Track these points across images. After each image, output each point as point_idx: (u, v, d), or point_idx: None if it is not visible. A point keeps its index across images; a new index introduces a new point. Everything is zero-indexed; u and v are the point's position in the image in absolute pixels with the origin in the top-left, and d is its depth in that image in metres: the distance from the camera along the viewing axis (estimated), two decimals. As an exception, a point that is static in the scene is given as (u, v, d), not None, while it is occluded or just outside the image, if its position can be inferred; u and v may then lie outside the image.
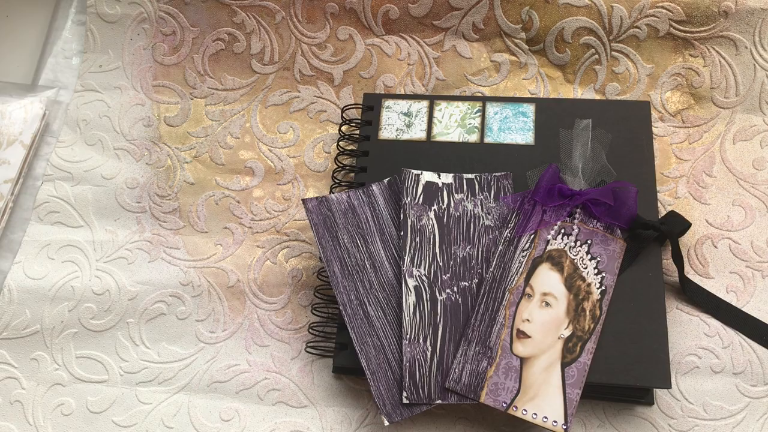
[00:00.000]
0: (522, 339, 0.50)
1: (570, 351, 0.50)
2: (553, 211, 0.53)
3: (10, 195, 0.64)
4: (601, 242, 0.53)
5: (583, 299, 0.51)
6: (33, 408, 0.57)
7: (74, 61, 0.71)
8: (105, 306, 0.60)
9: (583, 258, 0.52)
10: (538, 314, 0.51)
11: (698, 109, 0.63)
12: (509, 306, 0.51)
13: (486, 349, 0.51)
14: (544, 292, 0.52)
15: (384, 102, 0.64)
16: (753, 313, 0.55)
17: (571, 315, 0.51)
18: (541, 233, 0.53)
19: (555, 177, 0.53)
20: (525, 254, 0.53)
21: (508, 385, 0.50)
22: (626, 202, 0.53)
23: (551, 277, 0.52)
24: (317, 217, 0.56)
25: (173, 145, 0.66)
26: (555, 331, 0.50)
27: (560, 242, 0.53)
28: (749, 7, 0.61)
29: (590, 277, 0.52)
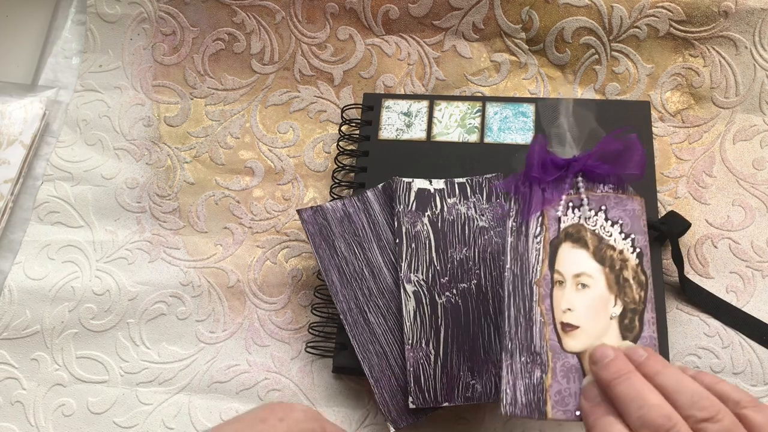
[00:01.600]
0: (570, 332, 0.44)
1: (629, 328, 0.44)
2: (553, 186, 0.48)
3: (10, 195, 0.64)
4: (617, 204, 0.47)
5: (621, 269, 0.45)
6: (34, 409, 0.57)
7: (74, 60, 0.71)
8: (105, 306, 0.60)
9: (604, 226, 0.47)
10: (578, 299, 0.45)
11: (698, 109, 0.63)
12: (542, 300, 0.45)
13: (534, 356, 0.44)
14: (576, 273, 0.45)
15: (384, 102, 0.64)
16: (753, 313, 0.55)
17: (615, 289, 0.45)
18: (548, 213, 0.47)
19: (543, 149, 0.48)
20: (539, 239, 0.47)
21: (574, 389, 0.43)
22: (629, 150, 0.47)
23: (577, 255, 0.46)
24: (313, 227, 0.56)
25: (173, 145, 0.66)
26: (603, 312, 0.44)
27: (573, 217, 0.47)
28: (749, 7, 0.61)
29: (620, 244, 0.46)
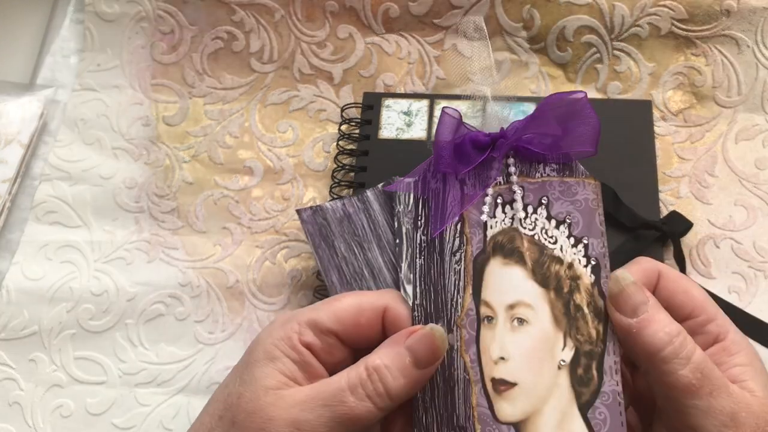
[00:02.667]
0: (505, 392, 0.31)
1: (584, 381, 0.31)
2: (475, 175, 0.35)
3: (7, 195, 0.64)
4: (562, 194, 0.34)
5: (570, 291, 0.32)
6: (32, 409, 0.56)
7: (72, 60, 0.71)
8: (103, 307, 0.59)
9: (546, 228, 0.34)
10: (514, 342, 0.32)
11: (700, 109, 0.63)
12: (465, 347, 0.32)
13: (456, 431, 0.31)
14: (510, 304, 0.33)
15: (384, 101, 0.63)
16: (755, 313, 0.55)
17: (564, 323, 0.32)
18: (470, 216, 0.34)
19: (456, 125, 0.35)
20: (459, 257, 0.34)
21: None
22: (576, 116, 0.34)
23: (511, 275, 0.33)
24: (312, 227, 0.56)
25: (172, 145, 0.66)
26: (549, 359, 0.32)
27: (503, 219, 0.34)
28: (751, 6, 0.61)
29: (568, 254, 0.33)
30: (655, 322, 0.30)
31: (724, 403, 0.29)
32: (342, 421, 0.27)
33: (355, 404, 0.28)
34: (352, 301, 0.32)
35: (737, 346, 0.32)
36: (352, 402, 0.28)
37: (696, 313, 0.32)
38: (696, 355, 0.29)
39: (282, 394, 0.28)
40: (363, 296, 0.32)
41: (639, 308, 0.30)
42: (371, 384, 0.28)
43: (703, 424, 0.29)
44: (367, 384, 0.28)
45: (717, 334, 0.32)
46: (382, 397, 0.28)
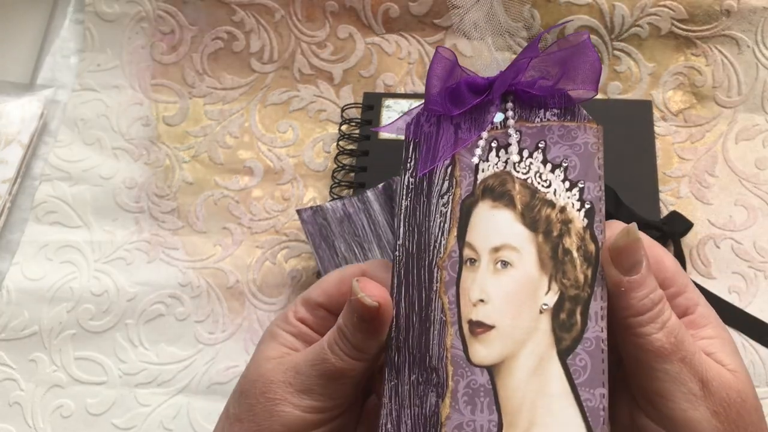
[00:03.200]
0: (481, 334, 0.30)
1: (566, 327, 0.30)
2: (471, 119, 0.33)
3: (8, 195, 0.64)
4: (561, 138, 0.33)
5: (560, 235, 0.31)
6: (32, 410, 0.56)
7: (72, 60, 0.71)
8: (104, 307, 0.59)
9: (541, 172, 0.32)
10: (496, 285, 0.31)
11: (700, 109, 0.63)
12: (445, 289, 0.31)
13: (428, 372, 0.31)
14: (495, 247, 0.31)
15: (384, 101, 0.63)
16: (756, 313, 0.55)
17: (550, 266, 0.31)
18: (461, 159, 0.33)
19: (452, 66, 0.34)
20: (446, 199, 0.33)
21: (480, 421, 0.29)
22: (576, 55, 0.32)
23: (499, 218, 0.32)
24: (313, 227, 0.56)
25: (172, 145, 0.66)
26: (531, 303, 0.30)
27: (496, 163, 0.33)
28: (752, 6, 0.61)
29: (561, 197, 0.32)
30: (645, 286, 0.29)
31: (695, 370, 0.28)
32: (329, 376, 0.30)
33: (335, 360, 0.30)
34: (336, 274, 0.34)
35: (705, 320, 0.31)
36: (333, 359, 0.30)
37: (667, 284, 0.31)
38: (672, 321, 0.29)
39: (281, 361, 0.31)
40: (346, 269, 0.34)
41: (635, 267, 0.29)
42: (341, 341, 0.30)
43: (671, 390, 0.28)
44: (338, 342, 0.30)
45: (686, 307, 0.31)
46: (353, 351, 0.30)
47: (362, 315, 0.29)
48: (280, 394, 0.30)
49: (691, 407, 0.28)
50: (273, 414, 0.30)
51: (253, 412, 0.30)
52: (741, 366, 0.30)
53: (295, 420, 0.30)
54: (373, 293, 0.29)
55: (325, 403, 0.30)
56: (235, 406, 0.31)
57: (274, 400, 0.30)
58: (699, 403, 0.28)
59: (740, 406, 0.28)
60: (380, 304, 0.29)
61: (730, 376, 0.29)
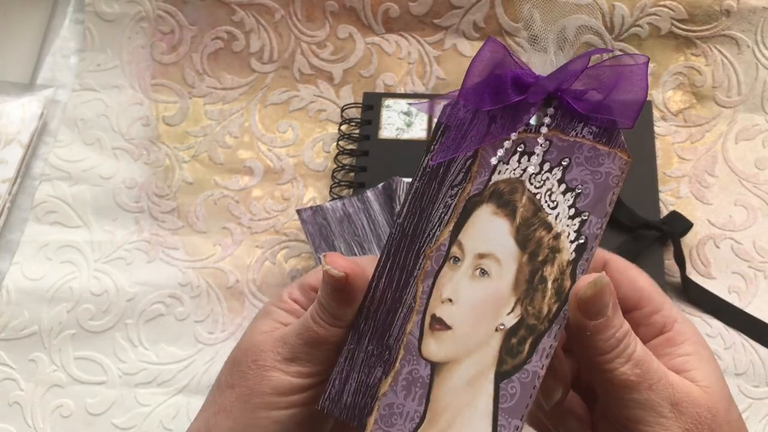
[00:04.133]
0: (438, 331, 0.32)
1: (512, 352, 0.31)
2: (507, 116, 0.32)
3: (7, 195, 0.64)
4: (588, 160, 0.31)
5: (544, 261, 0.31)
6: (32, 409, 0.56)
7: (72, 60, 0.71)
8: (103, 307, 0.59)
9: (552, 190, 0.32)
10: (468, 289, 0.32)
11: (700, 109, 0.63)
12: (423, 277, 0.32)
13: (383, 348, 0.32)
14: (481, 253, 0.32)
15: (384, 101, 0.63)
16: (755, 313, 0.55)
17: (521, 289, 0.31)
18: (484, 156, 0.32)
19: (502, 55, 0.32)
20: (455, 192, 0.33)
21: (408, 407, 0.31)
22: (630, 81, 0.31)
23: (495, 226, 0.32)
24: (312, 227, 0.56)
25: (172, 145, 0.66)
26: (491, 318, 0.31)
27: (515, 168, 0.32)
28: (751, 6, 0.61)
29: (561, 222, 0.31)
30: (610, 327, 0.30)
31: (664, 395, 0.29)
32: (312, 343, 0.32)
33: (318, 328, 0.32)
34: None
35: (683, 336, 0.32)
36: (315, 327, 0.32)
37: (642, 304, 0.32)
38: (637, 353, 0.30)
39: (271, 334, 0.34)
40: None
41: (601, 312, 0.30)
42: (321, 311, 0.32)
43: (642, 415, 0.29)
44: (318, 312, 0.33)
45: (663, 325, 0.32)
46: (331, 319, 0.32)
47: (333, 285, 0.31)
48: (270, 361, 0.33)
49: (663, 429, 0.29)
50: (263, 379, 0.32)
51: (244, 378, 0.33)
52: (715, 380, 0.31)
53: (283, 384, 0.32)
54: (338, 264, 0.31)
55: (310, 368, 0.33)
56: (228, 374, 0.34)
57: (264, 366, 0.33)
58: (670, 424, 0.29)
59: (711, 421, 0.29)
60: (347, 274, 0.31)
61: (700, 393, 0.30)
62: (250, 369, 0.33)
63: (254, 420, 0.32)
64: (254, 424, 0.32)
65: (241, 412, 0.32)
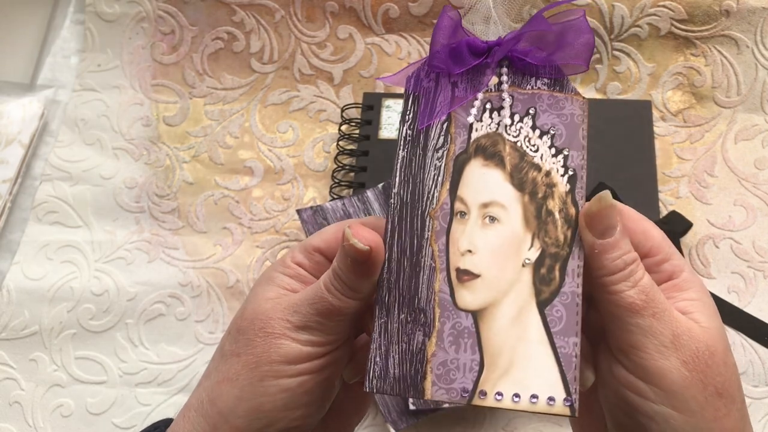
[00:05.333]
0: (467, 282, 0.33)
1: (546, 281, 0.33)
2: (467, 79, 0.35)
3: (8, 195, 0.64)
4: (550, 107, 0.35)
5: (545, 197, 0.34)
6: (32, 409, 0.56)
7: (73, 60, 0.71)
8: (104, 307, 0.59)
9: (530, 137, 0.35)
10: (483, 238, 0.33)
11: (700, 109, 0.63)
12: (436, 238, 0.34)
13: (416, 313, 0.33)
14: (484, 203, 0.34)
15: (384, 101, 0.64)
16: (755, 313, 0.55)
17: (534, 225, 0.33)
18: (457, 118, 0.35)
19: (456, 27, 0.35)
20: (441, 154, 0.35)
21: (463, 360, 0.32)
22: (571, 31, 0.34)
23: (489, 176, 0.34)
24: (312, 227, 0.56)
25: (172, 145, 0.66)
26: (514, 257, 0.33)
27: (489, 124, 0.35)
28: (751, 6, 0.61)
29: (548, 162, 0.34)
30: (618, 248, 0.31)
31: (666, 325, 0.31)
32: (326, 313, 0.32)
33: (332, 299, 0.32)
34: (335, 225, 0.36)
35: (689, 284, 0.33)
36: (330, 297, 0.32)
37: (654, 252, 0.34)
38: (644, 280, 0.31)
39: (278, 301, 0.33)
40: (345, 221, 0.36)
41: (608, 231, 0.31)
42: (337, 281, 0.32)
43: (643, 342, 0.31)
44: (333, 282, 0.32)
45: (672, 272, 0.33)
46: (347, 290, 0.32)
47: (355, 257, 0.31)
48: (279, 329, 0.32)
49: (662, 357, 0.30)
50: (272, 346, 0.32)
51: (251, 345, 0.32)
52: (715, 324, 0.32)
53: (294, 351, 0.32)
54: (364, 237, 0.31)
55: (321, 338, 0.33)
56: (232, 343, 0.33)
57: (273, 334, 0.32)
58: (669, 354, 0.30)
59: (708, 357, 0.30)
60: (371, 247, 0.32)
61: (701, 331, 0.31)
62: (258, 337, 0.32)
63: (262, 388, 0.32)
64: (262, 392, 0.32)
65: (248, 381, 0.32)
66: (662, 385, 0.30)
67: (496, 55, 0.35)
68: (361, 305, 0.33)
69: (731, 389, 0.31)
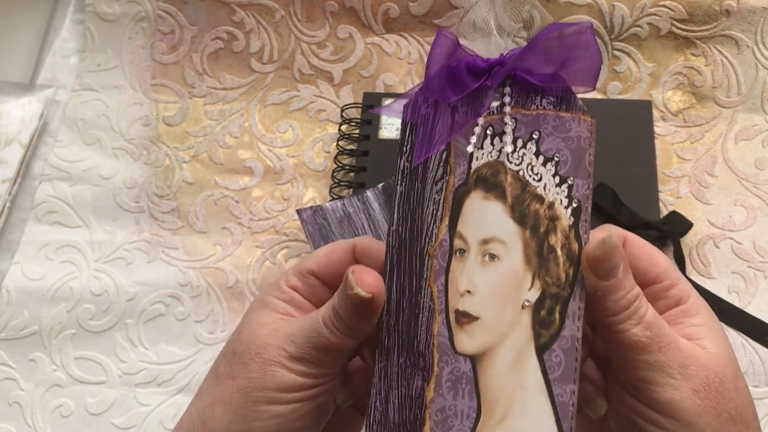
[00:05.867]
0: (466, 324, 0.32)
1: (545, 323, 0.31)
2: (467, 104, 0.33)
3: (8, 195, 0.64)
4: (555, 129, 0.32)
5: (547, 231, 0.32)
6: (32, 409, 0.56)
7: (72, 60, 0.71)
8: (103, 307, 0.59)
9: (532, 164, 0.32)
10: (483, 276, 0.32)
11: (700, 109, 0.63)
12: (434, 277, 0.32)
13: (416, 357, 0.32)
14: (484, 239, 0.32)
15: (384, 101, 0.63)
16: (755, 313, 0.55)
17: (534, 263, 0.31)
18: (457, 147, 0.33)
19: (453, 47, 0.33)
20: (440, 187, 0.33)
21: (461, 406, 0.31)
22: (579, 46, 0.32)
23: (489, 210, 0.32)
24: (312, 227, 0.56)
25: (172, 145, 0.66)
26: (514, 297, 0.31)
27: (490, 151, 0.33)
28: (751, 6, 0.61)
29: (550, 192, 0.32)
30: (621, 288, 0.31)
31: (673, 357, 0.31)
32: (323, 348, 0.32)
33: (330, 336, 0.32)
34: (327, 247, 0.36)
35: (696, 309, 0.33)
36: (328, 334, 0.32)
37: (660, 278, 0.34)
38: (648, 315, 0.31)
39: (276, 327, 0.33)
40: (337, 243, 0.36)
41: (610, 273, 0.31)
42: (337, 320, 0.32)
43: (652, 376, 0.31)
44: (334, 320, 0.32)
45: (679, 298, 0.34)
46: (346, 329, 0.32)
47: (356, 302, 0.31)
48: (275, 357, 0.32)
49: (672, 389, 0.30)
50: (267, 373, 0.32)
51: (246, 370, 0.32)
52: (723, 349, 0.32)
53: (288, 381, 0.32)
54: (367, 283, 0.31)
55: (316, 370, 0.32)
56: (227, 365, 0.33)
57: (270, 360, 0.32)
58: (679, 384, 0.30)
59: (719, 384, 0.30)
60: (373, 294, 0.31)
61: (709, 357, 0.31)
62: (253, 362, 0.32)
63: (255, 413, 0.32)
64: (254, 417, 0.32)
65: (241, 405, 0.32)
66: (676, 416, 0.30)
67: (498, 76, 0.32)
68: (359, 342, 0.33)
69: (745, 414, 0.31)
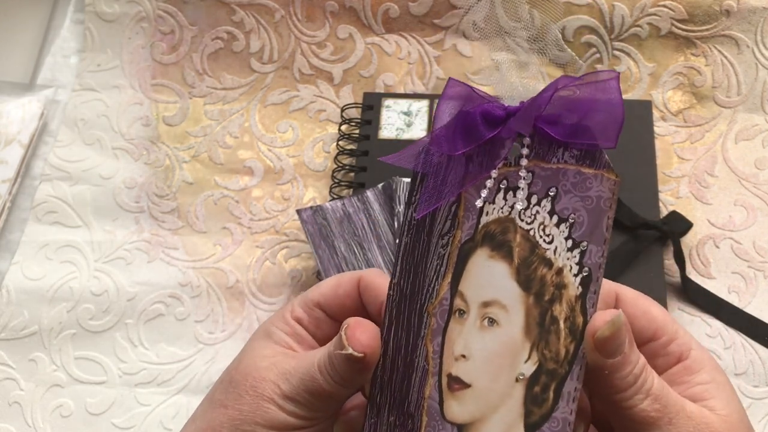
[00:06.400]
0: (457, 391, 0.30)
1: (537, 401, 0.29)
2: (483, 153, 0.30)
3: (8, 195, 0.64)
4: (574, 186, 0.29)
5: (551, 300, 0.29)
6: (32, 409, 0.56)
7: (72, 60, 0.71)
8: (103, 307, 0.59)
9: (545, 224, 0.30)
10: (480, 341, 0.30)
11: (700, 109, 0.63)
12: (432, 336, 0.31)
13: (404, 417, 0.31)
14: (485, 301, 0.30)
15: (384, 101, 0.64)
16: (755, 313, 0.55)
17: (534, 333, 0.29)
18: (468, 198, 0.31)
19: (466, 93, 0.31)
20: (446, 241, 0.31)
21: None
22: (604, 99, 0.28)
23: (494, 270, 0.30)
24: (312, 227, 0.56)
25: (172, 145, 0.66)
26: (509, 368, 0.29)
27: (502, 206, 0.30)
28: (751, 6, 0.61)
29: (560, 256, 0.29)
30: (628, 364, 0.29)
31: (683, 428, 0.29)
32: (315, 394, 0.31)
33: (324, 383, 0.31)
34: (334, 278, 0.35)
35: (699, 364, 0.32)
36: (321, 381, 0.31)
37: (659, 334, 0.32)
38: (655, 387, 0.30)
39: (275, 361, 0.32)
40: (344, 274, 0.36)
41: (618, 350, 0.29)
42: (331, 368, 0.31)
43: None
44: (328, 368, 0.31)
45: (680, 354, 0.32)
46: (342, 380, 0.31)
47: (350, 357, 0.30)
48: (269, 393, 0.31)
49: None
50: (259, 408, 0.31)
51: (240, 402, 0.32)
52: (733, 407, 0.31)
53: (279, 419, 0.31)
54: (360, 342, 0.30)
55: (308, 413, 0.32)
56: (222, 393, 0.33)
57: (263, 396, 0.31)
58: None
59: None
60: (366, 354, 0.30)
61: (719, 421, 0.30)
62: (247, 394, 0.32)
63: None
64: None
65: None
66: None
67: (515, 127, 0.29)
68: (353, 391, 0.32)
69: None
